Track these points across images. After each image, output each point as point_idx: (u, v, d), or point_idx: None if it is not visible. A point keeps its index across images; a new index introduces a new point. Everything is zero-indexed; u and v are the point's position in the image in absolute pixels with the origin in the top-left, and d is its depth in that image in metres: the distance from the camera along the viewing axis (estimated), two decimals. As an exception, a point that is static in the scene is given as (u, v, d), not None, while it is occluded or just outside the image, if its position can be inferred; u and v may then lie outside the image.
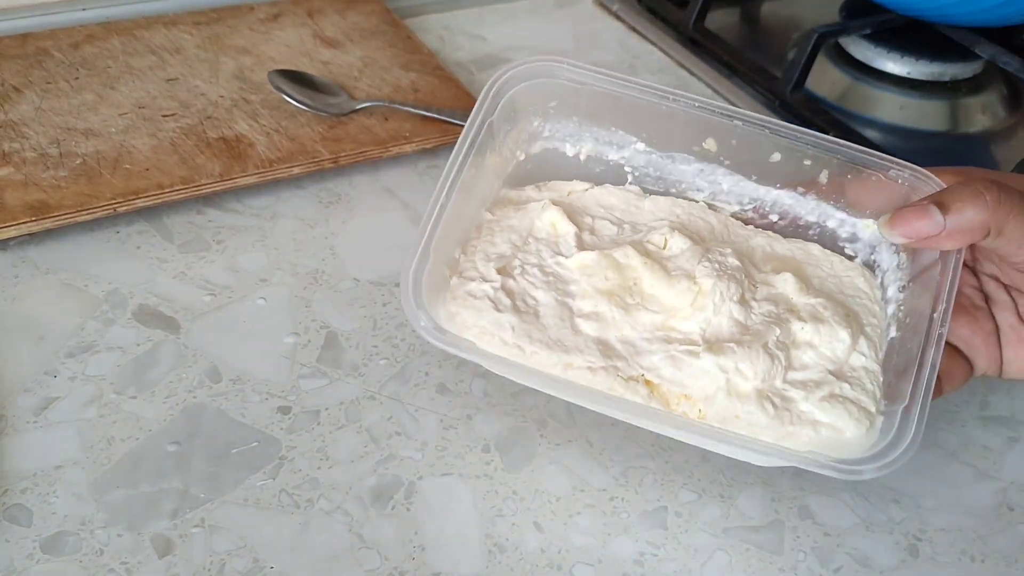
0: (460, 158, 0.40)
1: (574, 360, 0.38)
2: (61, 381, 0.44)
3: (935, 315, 0.37)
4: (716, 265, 0.39)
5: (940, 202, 0.37)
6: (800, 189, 0.44)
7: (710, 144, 0.43)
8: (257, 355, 0.46)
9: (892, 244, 0.42)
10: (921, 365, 0.36)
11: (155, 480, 0.40)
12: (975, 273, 0.41)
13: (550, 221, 0.42)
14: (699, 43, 0.74)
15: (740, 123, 0.42)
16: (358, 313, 0.49)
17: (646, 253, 0.40)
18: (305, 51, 0.66)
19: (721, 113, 0.42)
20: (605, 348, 0.38)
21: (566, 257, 0.41)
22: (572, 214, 0.42)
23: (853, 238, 0.44)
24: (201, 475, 0.40)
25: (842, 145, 0.42)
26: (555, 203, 0.42)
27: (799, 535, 0.41)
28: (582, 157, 0.45)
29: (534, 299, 0.39)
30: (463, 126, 0.59)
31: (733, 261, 0.40)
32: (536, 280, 0.40)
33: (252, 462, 0.41)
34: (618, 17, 0.78)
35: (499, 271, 0.40)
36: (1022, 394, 0.48)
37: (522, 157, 0.45)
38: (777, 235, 0.45)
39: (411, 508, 0.40)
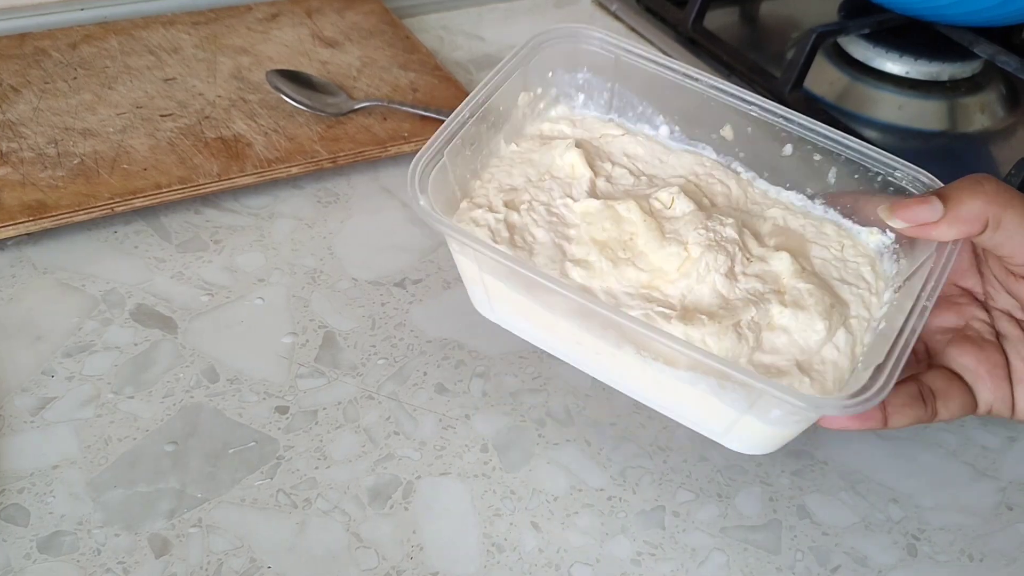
0: (492, 82, 0.41)
1: None
2: (58, 381, 0.44)
3: (922, 292, 0.36)
4: (711, 234, 0.39)
5: (940, 194, 0.37)
6: (809, 190, 0.44)
7: (727, 132, 0.44)
8: (255, 355, 0.46)
9: (893, 253, 0.41)
10: (901, 332, 0.35)
11: (152, 480, 0.40)
12: (987, 309, 0.40)
13: (570, 162, 0.42)
14: (698, 43, 0.74)
15: (757, 110, 0.43)
16: (356, 313, 0.49)
17: (649, 210, 0.40)
18: (303, 51, 0.66)
19: (738, 98, 0.43)
20: (589, 295, 0.39)
21: (574, 200, 0.41)
22: (593, 159, 0.42)
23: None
24: (198, 475, 0.40)
25: (850, 144, 0.42)
26: (579, 144, 0.42)
27: (797, 534, 0.41)
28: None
29: (532, 236, 0.40)
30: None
31: (731, 233, 0.40)
32: (539, 218, 0.40)
33: (249, 462, 0.41)
34: (617, 17, 0.78)
35: (507, 204, 0.41)
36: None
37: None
38: (794, 210, 0.44)
39: (409, 508, 0.40)
